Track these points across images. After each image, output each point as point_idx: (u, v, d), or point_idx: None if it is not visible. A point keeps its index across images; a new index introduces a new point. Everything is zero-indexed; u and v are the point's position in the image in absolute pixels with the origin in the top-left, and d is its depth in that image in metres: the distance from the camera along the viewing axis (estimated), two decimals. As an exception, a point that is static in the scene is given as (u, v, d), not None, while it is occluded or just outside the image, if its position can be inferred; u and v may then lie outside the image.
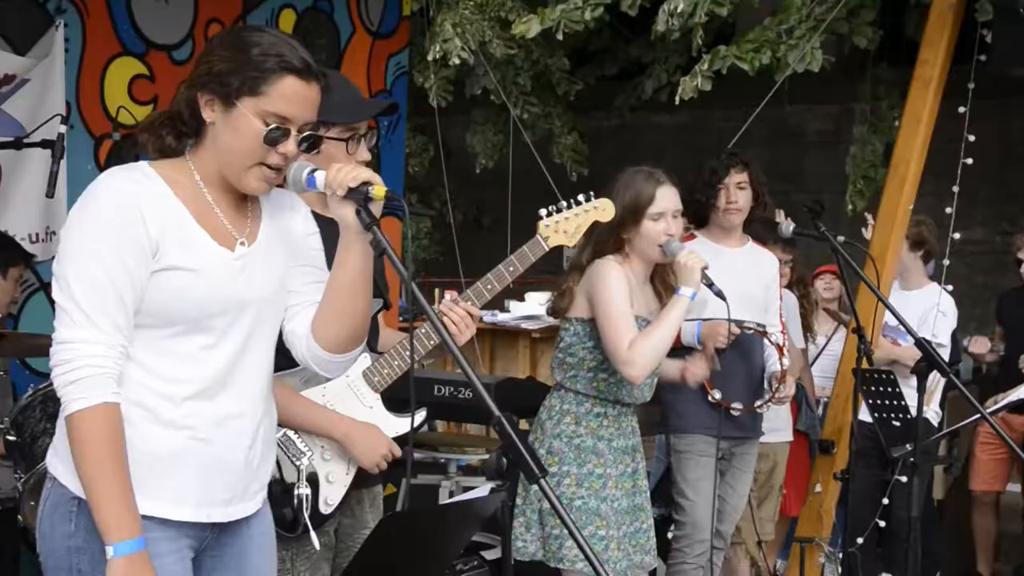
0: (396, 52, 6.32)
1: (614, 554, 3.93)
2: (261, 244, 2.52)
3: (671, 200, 4.02)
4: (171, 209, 2.40)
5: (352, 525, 3.42)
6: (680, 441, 4.61)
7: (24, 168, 4.86)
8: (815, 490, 5.26)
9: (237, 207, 2.50)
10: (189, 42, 5.42)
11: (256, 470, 2.55)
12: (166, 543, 2.42)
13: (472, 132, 8.97)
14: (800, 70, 5.87)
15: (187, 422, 2.41)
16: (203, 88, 2.41)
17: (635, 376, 3.90)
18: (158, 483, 2.40)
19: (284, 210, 2.60)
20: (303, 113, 2.41)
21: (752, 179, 4.78)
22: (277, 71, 2.38)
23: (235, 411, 2.48)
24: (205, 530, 2.49)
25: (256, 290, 2.49)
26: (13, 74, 4.77)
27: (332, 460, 3.24)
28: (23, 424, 3.92)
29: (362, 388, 3.29)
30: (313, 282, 2.59)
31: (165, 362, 2.41)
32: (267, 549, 2.63)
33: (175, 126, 2.46)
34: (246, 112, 2.38)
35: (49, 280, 4.93)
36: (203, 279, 2.40)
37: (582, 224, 3.59)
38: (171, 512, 2.42)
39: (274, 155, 2.41)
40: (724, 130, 8.36)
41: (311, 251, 2.62)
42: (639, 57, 8.97)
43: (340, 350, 2.57)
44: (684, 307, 3.91)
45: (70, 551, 2.39)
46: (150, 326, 2.39)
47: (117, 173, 2.42)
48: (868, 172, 7.59)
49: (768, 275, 4.90)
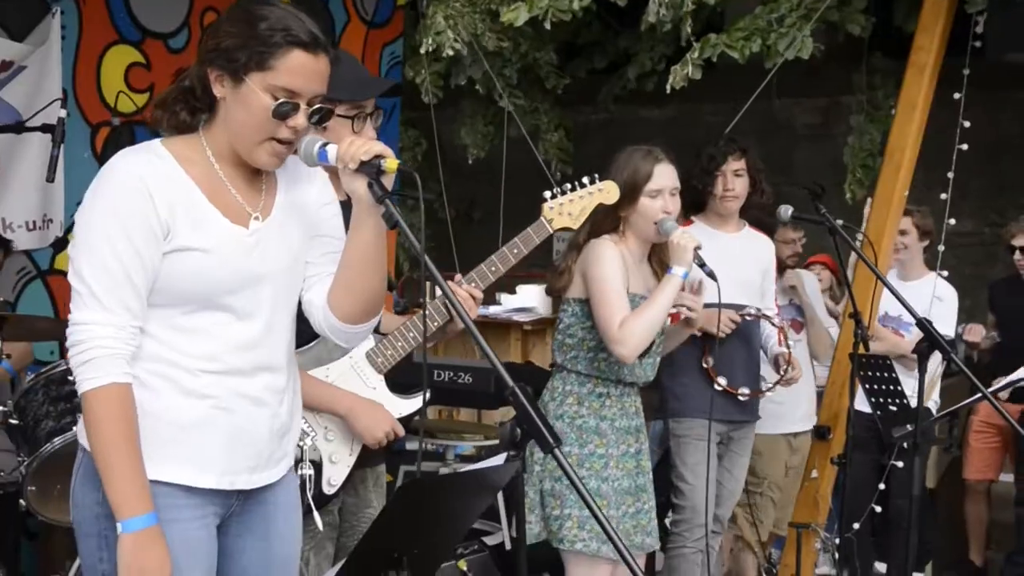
0: (390, 41, 6.34)
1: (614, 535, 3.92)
2: (276, 218, 2.53)
3: (668, 177, 4.02)
4: (182, 188, 2.42)
5: (356, 504, 3.44)
6: (679, 425, 4.62)
7: (21, 155, 4.86)
8: (811, 476, 5.27)
9: (251, 181, 2.52)
10: (185, 30, 5.42)
11: (280, 439, 2.58)
12: (190, 510, 2.46)
13: (461, 124, 8.96)
14: (791, 57, 5.89)
15: (209, 391, 2.44)
16: (212, 64, 2.42)
17: (625, 355, 3.90)
18: (182, 451, 2.43)
19: (301, 181, 2.61)
20: (312, 86, 2.42)
21: (749, 166, 4.80)
22: (284, 45, 2.38)
23: (258, 383, 2.50)
24: (230, 497, 2.51)
25: (271, 264, 2.50)
26: (10, 60, 4.77)
27: (336, 441, 3.25)
28: (26, 408, 3.91)
29: (366, 369, 3.31)
30: (330, 252, 2.61)
31: (184, 338, 2.44)
32: (292, 515, 2.66)
33: (188, 102, 2.48)
34: (255, 87, 2.39)
35: (45, 268, 5.02)
36: (215, 258, 2.42)
37: (587, 207, 3.62)
38: (195, 480, 2.45)
39: (284, 129, 2.42)
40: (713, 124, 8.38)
41: (328, 221, 2.62)
42: (628, 49, 8.97)
43: (355, 321, 2.59)
44: (676, 286, 3.92)
45: (98, 518, 2.43)
46: (166, 305, 2.43)
47: (128, 155, 2.45)
48: (867, 161, 7.60)
49: (765, 260, 4.92)
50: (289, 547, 2.65)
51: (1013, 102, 8.10)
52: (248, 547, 2.58)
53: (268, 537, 2.59)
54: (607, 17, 8.77)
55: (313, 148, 2.46)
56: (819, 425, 5.29)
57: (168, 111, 2.48)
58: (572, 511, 3.92)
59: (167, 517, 2.42)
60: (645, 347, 3.95)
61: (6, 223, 4.90)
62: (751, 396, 4.61)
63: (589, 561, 3.94)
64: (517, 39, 7.81)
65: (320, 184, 2.64)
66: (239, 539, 2.58)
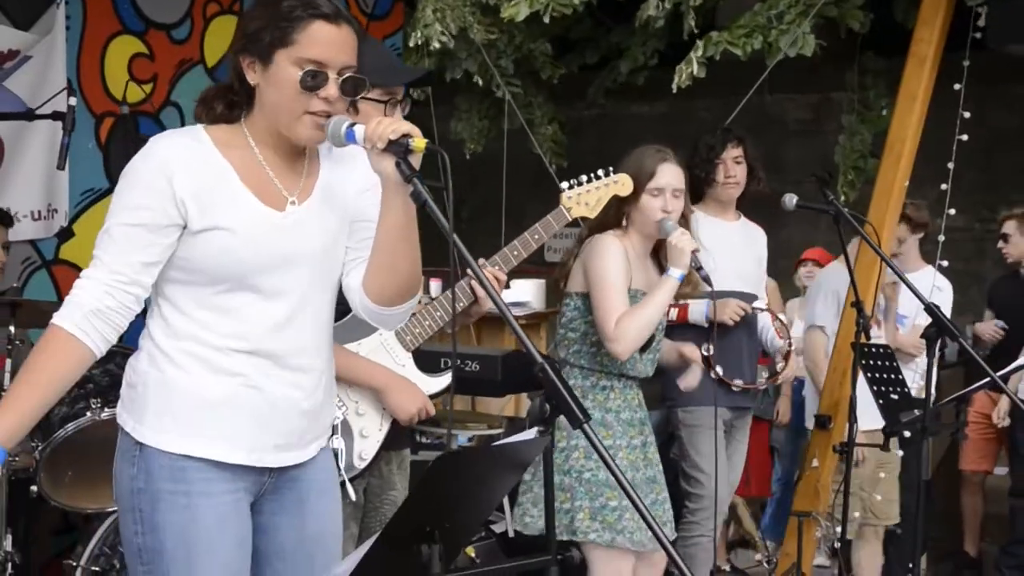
0: (391, 34, 6.35)
1: (628, 524, 3.93)
2: (314, 201, 2.56)
3: (672, 177, 4.03)
4: (215, 170, 2.46)
5: (380, 486, 3.50)
6: (689, 415, 4.65)
7: (27, 145, 4.86)
8: (812, 464, 5.31)
9: (292, 165, 2.55)
10: (188, 21, 5.43)
11: (313, 420, 2.60)
12: (221, 483, 2.49)
13: (456, 119, 8.96)
14: (792, 55, 5.94)
15: (238, 369, 2.48)
16: (242, 51, 2.47)
17: (620, 352, 3.93)
18: (211, 428, 2.47)
19: (343, 165, 2.63)
20: (339, 56, 2.44)
21: (747, 153, 4.86)
22: (305, 17, 2.41)
23: (291, 363, 2.53)
24: (262, 475, 2.54)
25: (305, 246, 2.53)
26: (16, 50, 4.76)
27: (366, 415, 3.31)
28: (39, 394, 3.89)
29: (395, 346, 3.37)
30: (368, 237, 2.62)
31: (215, 317, 2.47)
32: (328, 492, 2.69)
33: (227, 96, 2.53)
34: (282, 63, 2.42)
35: (50, 258, 5.02)
36: (242, 239, 2.45)
37: (603, 197, 3.71)
38: (225, 455, 2.49)
39: (316, 101, 2.44)
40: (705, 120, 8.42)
41: (369, 206, 2.62)
42: (619, 44, 9.00)
43: (390, 303, 2.60)
44: (672, 288, 3.95)
45: (132, 493, 2.49)
46: (198, 283, 2.47)
47: (163, 136, 2.52)
48: (858, 163, 7.64)
49: (760, 249, 4.98)
50: (325, 524, 2.67)
51: (1007, 97, 8.16)
52: (283, 525, 2.60)
53: (303, 515, 2.62)
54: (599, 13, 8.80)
55: (341, 128, 2.47)
56: (820, 414, 5.32)
57: (206, 107, 2.54)
58: (583, 503, 3.94)
59: (199, 490, 2.46)
60: (639, 345, 3.98)
61: (11, 212, 4.89)
62: (744, 388, 4.64)
63: (609, 552, 3.95)
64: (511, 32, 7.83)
65: (363, 168, 2.64)
66: (273, 517, 2.60)
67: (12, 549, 3.84)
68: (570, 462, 3.95)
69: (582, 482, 3.94)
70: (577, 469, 3.95)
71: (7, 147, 4.88)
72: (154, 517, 2.45)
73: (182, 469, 2.46)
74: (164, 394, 2.48)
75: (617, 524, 3.92)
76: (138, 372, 2.53)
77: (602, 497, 3.93)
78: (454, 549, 2.40)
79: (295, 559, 2.62)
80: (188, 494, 2.47)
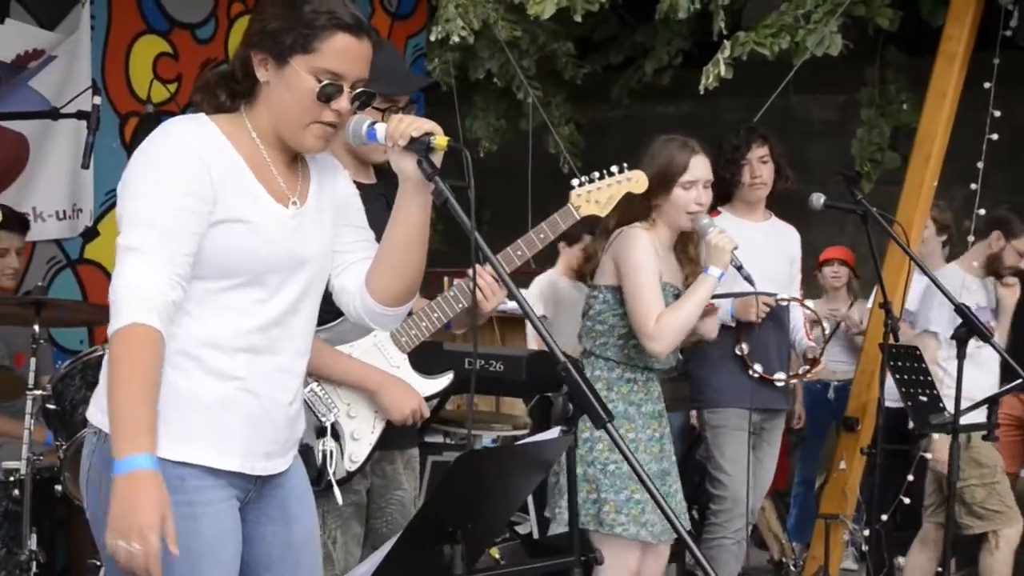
0: (415, 34, 6.33)
1: (651, 517, 3.93)
2: (312, 204, 2.53)
3: (703, 169, 4.03)
4: (230, 160, 2.41)
5: (384, 486, 3.44)
6: (715, 416, 4.62)
7: (52, 144, 4.87)
8: (839, 467, 5.27)
9: (289, 166, 2.51)
10: (212, 21, 5.43)
11: (292, 426, 2.56)
12: (218, 491, 2.42)
13: (473, 117, 8.95)
14: (819, 54, 5.92)
15: (236, 372, 2.41)
16: (256, 47, 2.42)
17: (659, 351, 3.91)
18: (207, 432, 2.39)
19: (328, 172, 2.61)
20: (355, 70, 2.41)
21: (773, 152, 4.81)
22: (329, 28, 2.37)
23: (281, 366, 2.48)
24: (249, 482, 2.49)
25: (311, 249, 2.50)
26: (41, 49, 4.77)
27: (358, 418, 3.26)
28: (63, 393, 3.91)
29: (389, 348, 3.32)
30: (359, 240, 2.60)
31: (217, 315, 2.40)
32: (304, 496, 2.64)
33: (229, 86, 2.47)
34: (299, 69, 2.38)
35: (75, 257, 5.03)
36: (260, 233, 2.40)
37: (614, 195, 3.61)
38: (220, 462, 2.41)
39: (328, 112, 2.41)
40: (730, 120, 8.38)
41: (355, 211, 2.63)
42: (644, 44, 8.98)
43: (395, 303, 2.57)
44: (711, 287, 3.93)
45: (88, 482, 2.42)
46: (206, 277, 2.38)
47: (175, 122, 2.43)
48: (875, 155, 7.61)
49: (792, 250, 4.93)
50: (307, 528, 2.63)
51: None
52: (268, 533, 2.55)
53: (287, 522, 2.57)
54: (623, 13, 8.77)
55: (362, 127, 2.46)
56: (847, 416, 5.29)
57: (208, 93, 2.47)
58: (608, 495, 3.92)
59: (202, 499, 2.39)
60: (678, 344, 3.97)
61: (36, 212, 4.90)
62: (787, 381, 4.60)
63: (622, 544, 3.93)
64: (533, 30, 7.81)
65: (344, 179, 2.65)
66: (258, 526, 2.54)
67: (37, 548, 3.83)
68: (594, 453, 3.94)
69: (607, 474, 3.93)
70: (601, 461, 3.94)
71: (32, 146, 4.88)
72: None
73: (181, 478, 2.35)
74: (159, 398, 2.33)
75: (641, 517, 3.92)
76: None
77: (626, 490, 3.93)
78: (477, 550, 2.38)
79: (283, 567, 2.56)
80: (190, 504, 2.35)
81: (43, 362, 4.09)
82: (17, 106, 4.71)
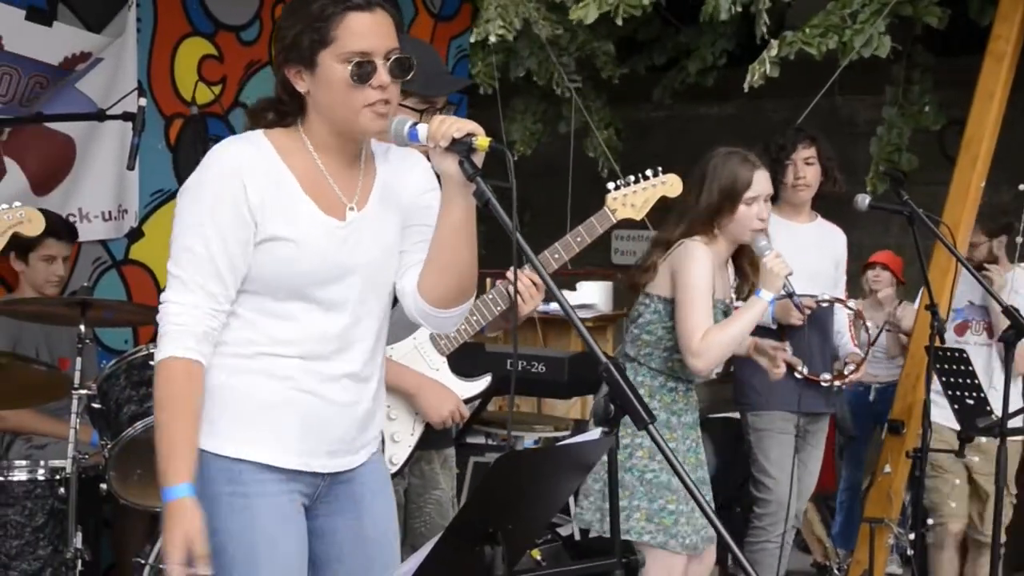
0: (458, 35, 6.33)
1: (683, 528, 3.92)
2: (372, 207, 2.54)
3: (765, 185, 4.03)
4: (278, 178, 2.45)
5: (423, 486, 3.47)
6: (759, 419, 4.60)
7: (98, 146, 4.91)
8: (884, 470, 5.22)
9: (349, 170, 2.53)
10: (256, 23, 5.46)
11: (364, 427, 2.59)
12: (276, 484, 2.49)
13: (510, 120, 8.93)
14: (867, 55, 5.86)
15: (290, 374, 2.47)
16: (286, 63, 2.46)
17: (700, 368, 3.92)
18: (263, 431, 2.46)
19: (401, 170, 2.61)
20: (381, 42, 2.43)
21: (820, 154, 4.77)
22: (339, 12, 2.40)
23: (343, 370, 2.52)
24: (317, 479, 2.53)
25: (361, 256, 2.51)
26: (88, 52, 4.81)
27: (398, 420, 3.29)
28: (108, 392, 3.94)
29: (429, 351, 3.34)
30: (422, 241, 2.60)
31: (273, 324, 2.46)
32: (381, 492, 2.67)
33: (277, 109, 2.51)
34: (328, 63, 2.41)
35: (120, 258, 5.07)
36: (304, 250, 2.44)
37: (650, 198, 3.63)
38: (276, 459, 2.48)
39: (370, 92, 2.42)
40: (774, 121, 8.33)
41: (426, 209, 2.60)
42: (688, 45, 8.94)
43: (445, 305, 2.57)
44: (762, 311, 3.94)
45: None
46: (255, 292, 2.47)
47: (228, 144, 2.50)
48: (892, 156, 7.52)
49: (838, 251, 4.90)
50: (382, 523, 2.65)
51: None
52: (340, 527, 2.59)
53: (359, 515, 2.61)
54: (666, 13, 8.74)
55: (403, 128, 2.45)
56: (892, 419, 5.24)
57: (258, 119, 2.53)
58: (641, 503, 3.91)
59: (255, 491, 2.46)
60: (720, 363, 3.97)
61: (82, 213, 4.95)
62: (832, 381, 4.56)
63: (665, 554, 3.91)
64: (574, 29, 7.79)
65: (422, 172, 2.63)
66: (329, 519, 2.59)
67: (82, 546, 3.87)
68: (632, 460, 3.93)
69: (643, 482, 3.91)
70: (639, 468, 3.92)
71: (79, 148, 4.93)
72: (213, 521, 2.42)
73: (240, 472, 2.46)
74: (216, 398, 2.46)
75: (672, 528, 3.90)
76: None
77: (661, 500, 3.91)
78: (518, 551, 2.37)
79: (354, 561, 2.61)
80: (247, 495, 2.46)
81: (88, 362, 4.13)
82: (64, 108, 4.76)
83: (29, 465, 4.15)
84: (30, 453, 4.44)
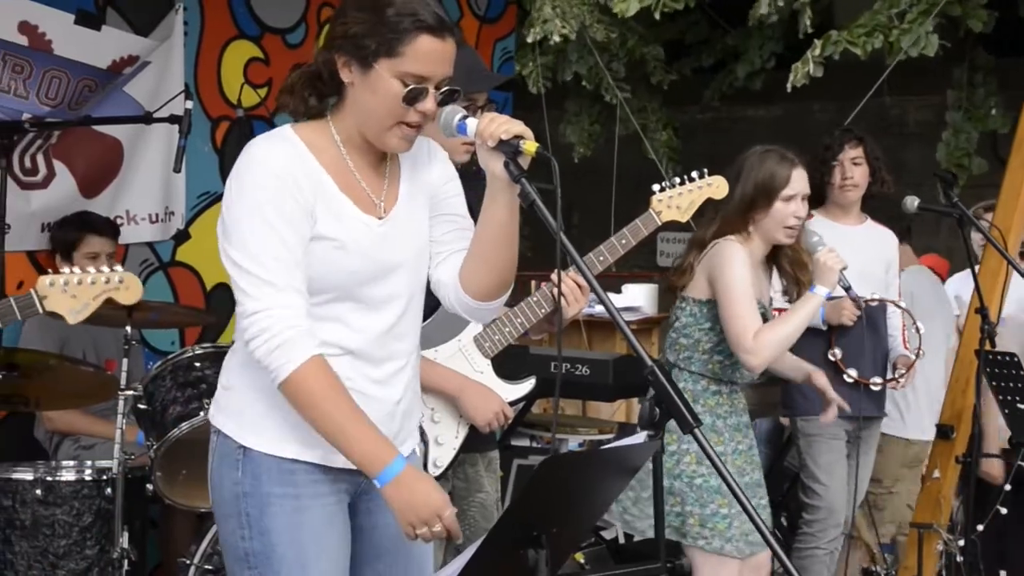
0: (503, 37, 6.34)
1: (736, 531, 3.88)
2: (402, 204, 2.54)
3: (803, 183, 4.00)
4: (314, 177, 2.43)
5: (466, 488, 3.47)
6: (809, 424, 4.54)
7: (145, 148, 4.95)
8: (933, 475, 5.15)
9: (376, 168, 2.52)
10: (302, 26, 5.48)
11: (404, 419, 2.59)
12: (327, 485, 2.50)
13: (566, 123, 8.92)
14: (915, 55, 5.80)
15: (341, 372, 2.44)
16: (340, 50, 2.42)
17: (756, 366, 3.88)
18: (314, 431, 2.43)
19: (421, 163, 2.60)
20: (440, 69, 2.41)
21: (867, 155, 4.72)
22: (413, 31, 2.37)
23: (391, 368, 2.53)
24: (359, 475, 2.52)
25: (401, 253, 2.51)
26: (135, 55, 4.85)
27: (442, 423, 3.28)
28: (154, 393, 3.96)
29: (473, 353, 3.34)
30: (454, 230, 2.60)
31: (318, 324, 2.44)
32: None
33: (316, 87, 2.48)
34: (384, 73, 2.38)
35: (167, 260, 5.10)
36: (349, 249, 2.44)
37: (695, 200, 3.60)
38: (328, 459, 2.48)
39: (413, 114, 2.41)
40: (821, 122, 8.27)
41: (451, 199, 2.62)
42: (736, 48, 8.89)
43: (487, 298, 2.58)
44: (817, 305, 3.90)
45: (238, 497, 2.47)
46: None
47: (262, 142, 2.45)
48: (962, 160, 7.44)
49: (889, 253, 4.84)
50: None
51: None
52: (380, 523, 2.58)
53: None
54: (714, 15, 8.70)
55: (453, 119, 2.44)
56: (941, 424, 5.16)
57: (296, 96, 2.48)
58: (693, 508, 3.88)
59: (307, 492, 2.47)
60: (775, 360, 3.92)
61: (130, 215, 4.98)
62: (883, 385, 4.51)
63: (717, 559, 3.88)
64: (624, 33, 7.77)
65: (440, 163, 2.63)
66: (370, 516, 2.59)
67: (128, 546, 3.89)
68: (680, 466, 3.90)
69: (693, 488, 3.88)
70: (688, 474, 3.90)
71: (126, 151, 4.97)
72: (262, 521, 2.43)
73: (291, 472, 2.46)
74: (265, 397, 2.44)
75: (727, 532, 3.87)
76: (235, 375, 2.53)
77: (713, 504, 3.88)
78: (561, 554, 2.36)
79: (395, 557, 2.61)
80: (298, 497, 2.46)
81: (135, 363, 4.15)
82: (112, 111, 4.80)
83: (76, 465, 4.19)
84: (77, 453, 4.48)
